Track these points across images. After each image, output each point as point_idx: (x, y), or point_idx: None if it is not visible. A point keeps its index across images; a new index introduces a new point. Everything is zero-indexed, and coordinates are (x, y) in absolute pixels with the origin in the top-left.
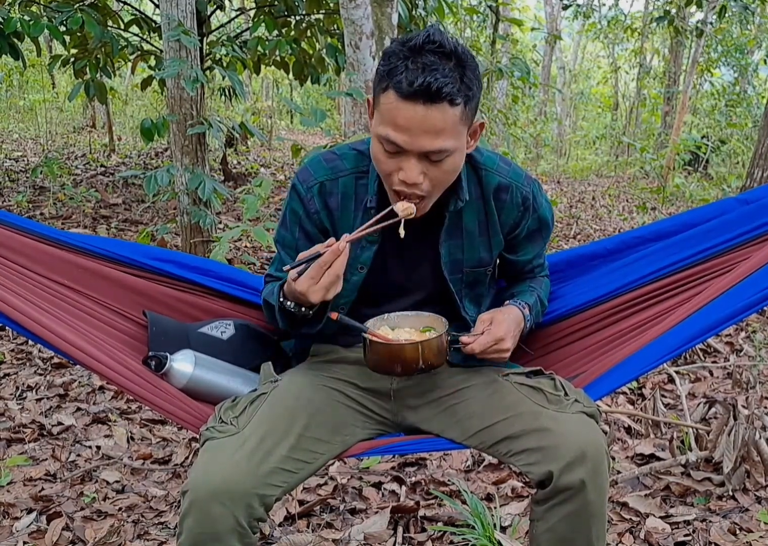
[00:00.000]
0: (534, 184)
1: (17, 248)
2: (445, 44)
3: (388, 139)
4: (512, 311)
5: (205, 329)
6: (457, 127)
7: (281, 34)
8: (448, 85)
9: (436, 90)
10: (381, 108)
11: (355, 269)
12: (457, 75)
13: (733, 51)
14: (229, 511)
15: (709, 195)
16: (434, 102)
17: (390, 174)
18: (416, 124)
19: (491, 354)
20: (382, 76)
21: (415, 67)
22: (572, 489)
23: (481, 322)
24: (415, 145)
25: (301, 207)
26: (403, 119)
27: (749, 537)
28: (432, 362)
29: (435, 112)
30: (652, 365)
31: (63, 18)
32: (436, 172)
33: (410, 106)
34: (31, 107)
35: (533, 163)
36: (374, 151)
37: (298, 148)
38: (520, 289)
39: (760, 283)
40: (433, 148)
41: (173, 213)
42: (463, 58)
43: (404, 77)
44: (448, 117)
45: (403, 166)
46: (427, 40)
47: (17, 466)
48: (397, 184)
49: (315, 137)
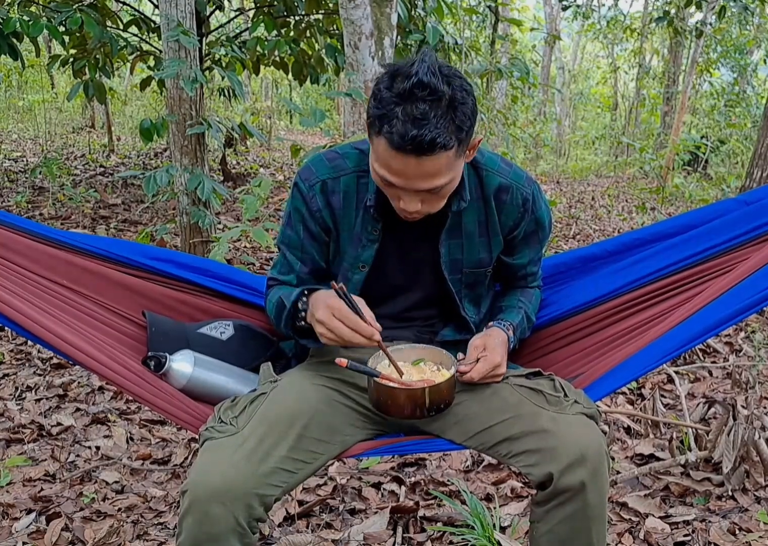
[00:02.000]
0: (534, 186)
1: (16, 248)
2: (436, 88)
3: (385, 179)
4: (500, 335)
5: (205, 329)
6: (452, 165)
7: (280, 34)
8: (441, 136)
9: (428, 143)
10: (375, 147)
11: (357, 268)
12: (450, 119)
13: (733, 51)
14: (228, 511)
15: (709, 195)
16: (426, 153)
17: (391, 199)
18: (410, 171)
19: (487, 379)
20: (374, 119)
21: (406, 118)
22: (572, 490)
23: (474, 349)
24: (412, 186)
25: (304, 205)
26: (397, 166)
27: (749, 537)
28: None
29: (428, 161)
30: (652, 366)
31: (62, 18)
32: (434, 199)
33: (402, 157)
34: (30, 107)
35: (533, 163)
36: (374, 177)
37: (297, 148)
38: (509, 304)
39: (760, 284)
40: (430, 187)
41: (172, 213)
42: (454, 97)
43: (395, 131)
44: (442, 161)
45: (402, 197)
46: (417, 86)
47: (16, 467)
48: (398, 209)
49: (314, 137)
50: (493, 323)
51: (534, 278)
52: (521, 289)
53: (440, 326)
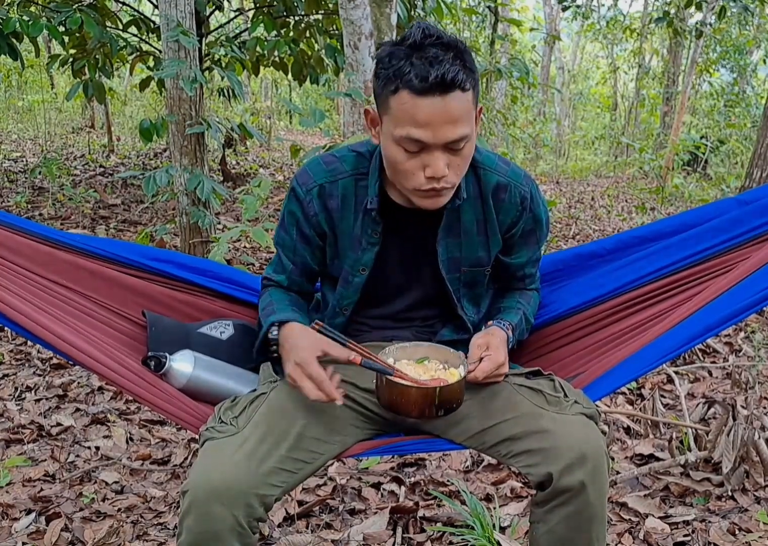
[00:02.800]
0: (532, 184)
1: (16, 249)
2: (443, 36)
3: (411, 138)
4: (500, 334)
5: (205, 329)
6: (470, 112)
7: (280, 34)
8: (459, 73)
9: (450, 80)
10: (393, 111)
11: (357, 271)
12: (461, 62)
13: (732, 51)
14: (228, 511)
15: (708, 195)
16: (449, 91)
17: (414, 174)
18: (437, 117)
19: (490, 378)
20: (388, 78)
21: (422, 62)
22: (572, 490)
23: (477, 348)
24: (439, 138)
25: (299, 209)
26: (423, 114)
27: (748, 537)
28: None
29: (452, 101)
30: (652, 366)
31: (62, 18)
32: (457, 161)
33: (428, 100)
34: (29, 108)
35: (532, 163)
36: (392, 155)
37: (297, 148)
38: (507, 305)
39: (760, 284)
40: (456, 137)
41: (172, 213)
42: (459, 47)
43: (415, 74)
44: (462, 103)
45: (428, 162)
46: (425, 35)
47: (16, 467)
48: (425, 183)
49: (314, 137)
50: (492, 322)
51: (532, 280)
52: (520, 290)
53: (439, 326)
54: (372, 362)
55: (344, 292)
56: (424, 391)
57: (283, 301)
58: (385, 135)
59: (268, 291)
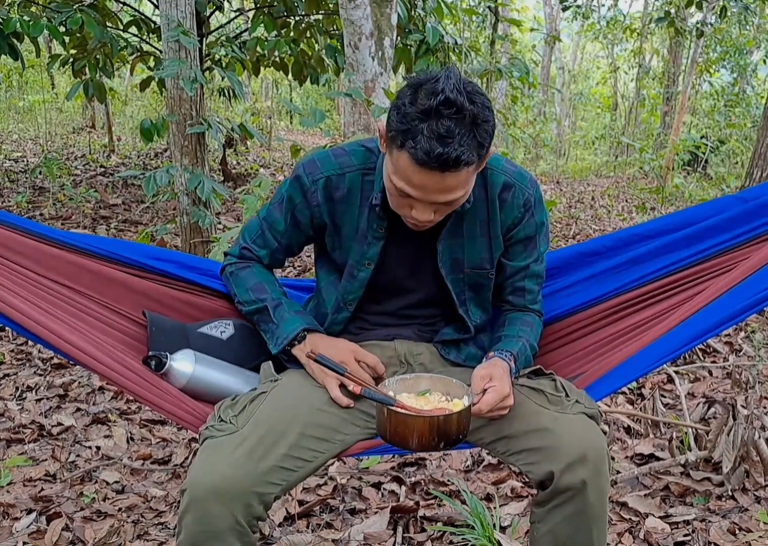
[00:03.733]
0: (537, 189)
1: (17, 248)
2: (462, 106)
3: (402, 191)
4: (502, 364)
5: (205, 329)
6: (470, 179)
7: (280, 34)
8: (465, 154)
9: (453, 160)
10: (395, 161)
11: (363, 265)
12: (473, 136)
13: (732, 51)
14: (227, 510)
15: (709, 195)
16: (450, 170)
17: (402, 208)
18: (431, 186)
19: (494, 412)
20: (397, 132)
21: (431, 135)
22: (573, 489)
23: (480, 379)
24: (430, 199)
25: (301, 197)
26: (419, 181)
27: (749, 537)
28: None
29: (450, 177)
30: (653, 366)
31: (62, 18)
32: (447, 209)
33: (426, 172)
34: (30, 108)
35: (532, 163)
36: (387, 185)
37: (297, 148)
38: (508, 333)
39: (760, 284)
40: (447, 200)
41: (173, 213)
42: (477, 115)
43: (420, 147)
44: (462, 177)
45: (416, 207)
46: (443, 103)
47: (17, 467)
48: (409, 218)
49: (314, 138)
50: (494, 353)
51: (534, 299)
52: (522, 314)
53: (441, 325)
54: (372, 392)
55: (349, 287)
56: (427, 420)
57: (272, 282)
58: (385, 166)
59: (250, 266)
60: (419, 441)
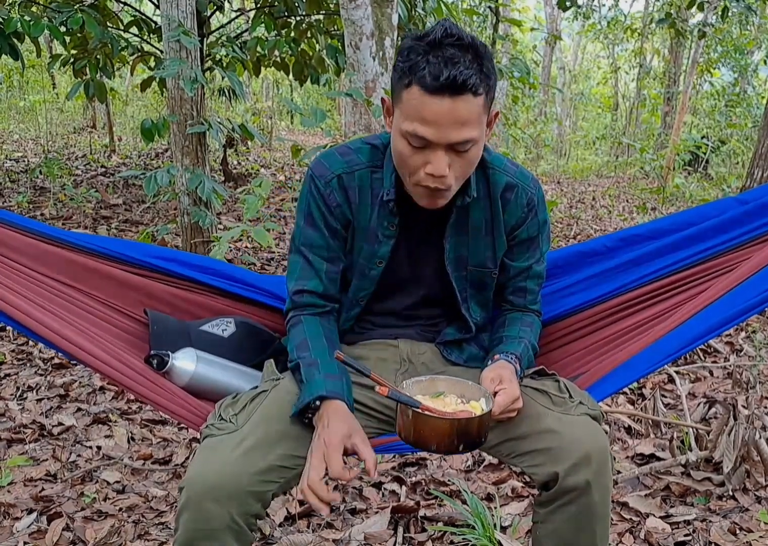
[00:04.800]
0: (540, 189)
1: (19, 247)
2: (463, 37)
3: (416, 134)
4: (509, 366)
5: (207, 327)
6: (480, 117)
7: (281, 34)
8: (472, 77)
9: (461, 82)
10: (404, 104)
11: (374, 264)
12: (477, 66)
13: (733, 51)
14: (223, 508)
15: (709, 195)
16: (460, 94)
17: (416, 169)
18: (443, 117)
19: (505, 414)
20: (403, 72)
21: (437, 61)
22: (577, 490)
23: (490, 381)
24: (443, 138)
25: (323, 202)
26: (430, 113)
27: (749, 537)
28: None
29: (461, 103)
30: (655, 367)
31: (63, 18)
32: (460, 163)
33: (437, 99)
34: (31, 108)
35: (533, 163)
36: (398, 148)
37: (298, 148)
38: (509, 334)
39: (761, 285)
40: (460, 139)
41: (174, 213)
42: (480, 50)
43: (428, 72)
44: (472, 107)
45: (431, 159)
46: (446, 34)
47: (18, 467)
48: (424, 179)
49: (315, 138)
50: (499, 356)
51: (534, 299)
52: (521, 314)
53: (443, 325)
54: (399, 394)
55: (360, 285)
56: (452, 423)
57: (318, 337)
58: (394, 126)
59: (302, 320)
60: (441, 443)
